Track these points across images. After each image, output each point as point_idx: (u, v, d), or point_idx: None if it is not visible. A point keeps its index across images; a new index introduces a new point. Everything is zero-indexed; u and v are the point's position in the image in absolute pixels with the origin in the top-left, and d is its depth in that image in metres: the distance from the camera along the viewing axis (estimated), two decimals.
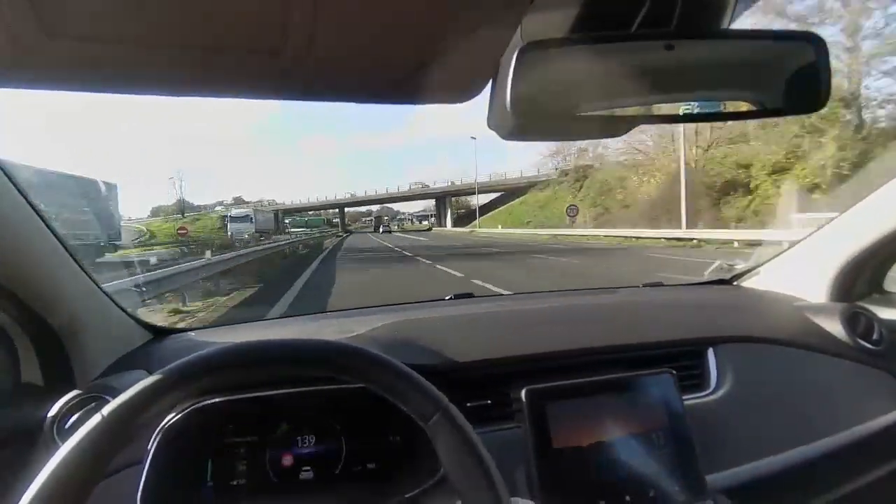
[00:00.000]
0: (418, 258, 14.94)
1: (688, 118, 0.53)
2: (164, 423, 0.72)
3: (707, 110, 0.53)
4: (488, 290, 7.09)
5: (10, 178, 0.74)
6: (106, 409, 0.48)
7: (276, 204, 76.71)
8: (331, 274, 11.47)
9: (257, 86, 0.44)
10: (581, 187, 34.49)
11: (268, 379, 0.78)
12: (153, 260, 10.84)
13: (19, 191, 0.75)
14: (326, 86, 0.45)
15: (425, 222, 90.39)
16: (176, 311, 6.29)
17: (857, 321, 1.11)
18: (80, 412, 0.76)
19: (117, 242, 17.55)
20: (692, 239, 16.57)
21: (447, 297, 1.36)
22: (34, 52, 0.35)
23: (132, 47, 0.36)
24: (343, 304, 6.32)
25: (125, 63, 0.38)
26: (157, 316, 5.66)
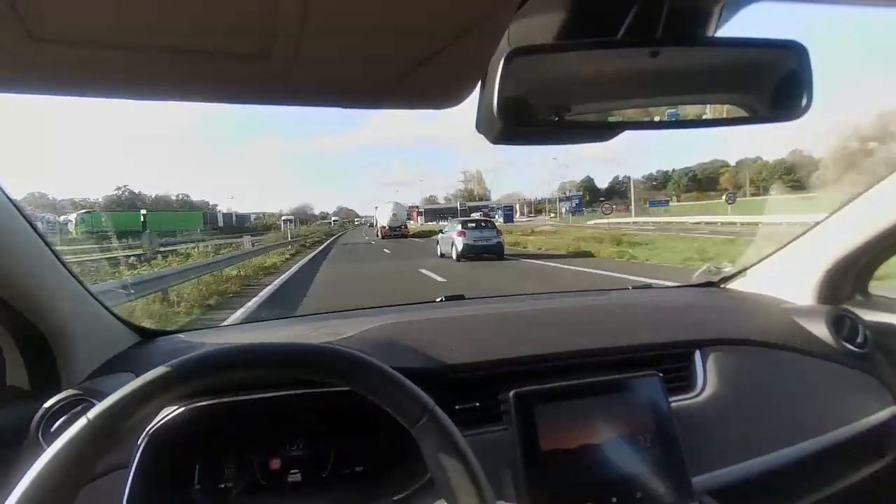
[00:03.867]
0: None
1: (673, 124, 0.54)
2: (151, 425, 0.72)
3: (692, 117, 0.54)
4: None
5: None
6: (91, 413, 0.48)
7: None
8: None
9: (245, 91, 0.44)
10: None
11: (253, 382, 0.78)
12: None
13: (5, 194, 0.75)
14: (315, 91, 0.45)
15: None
16: None
17: (842, 323, 1.12)
18: (67, 415, 0.75)
19: None
20: None
21: (438, 299, 1.36)
22: (18, 57, 0.34)
23: (118, 52, 0.36)
24: None
25: (111, 67, 0.38)
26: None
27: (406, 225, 37.52)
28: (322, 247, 23.95)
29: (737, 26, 0.54)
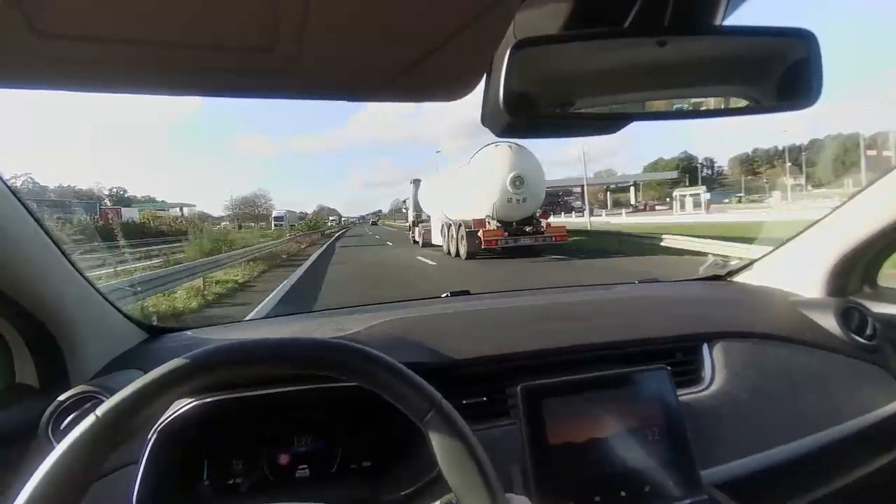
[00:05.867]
0: None
1: (681, 115, 0.53)
2: (161, 422, 0.72)
3: (701, 107, 0.53)
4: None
5: (3, 181, 0.73)
6: (100, 410, 0.48)
7: None
8: None
9: (249, 84, 0.43)
10: None
11: (261, 377, 0.78)
12: None
13: (13, 193, 0.75)
14: (319, 84, 0.44)
15: None
16: None
17: (850, 316, 1.11)
18: (76, 412, 0.75)
19: None
20: None
21: (444, 295, 1.36)
22: (23, 52, 0.34)
23: (121, 45, 0.36)
24: None
25: (115, 62, 0.38)
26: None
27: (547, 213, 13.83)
28: None
29: (745, 14, 0.53)
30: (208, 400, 0.75)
